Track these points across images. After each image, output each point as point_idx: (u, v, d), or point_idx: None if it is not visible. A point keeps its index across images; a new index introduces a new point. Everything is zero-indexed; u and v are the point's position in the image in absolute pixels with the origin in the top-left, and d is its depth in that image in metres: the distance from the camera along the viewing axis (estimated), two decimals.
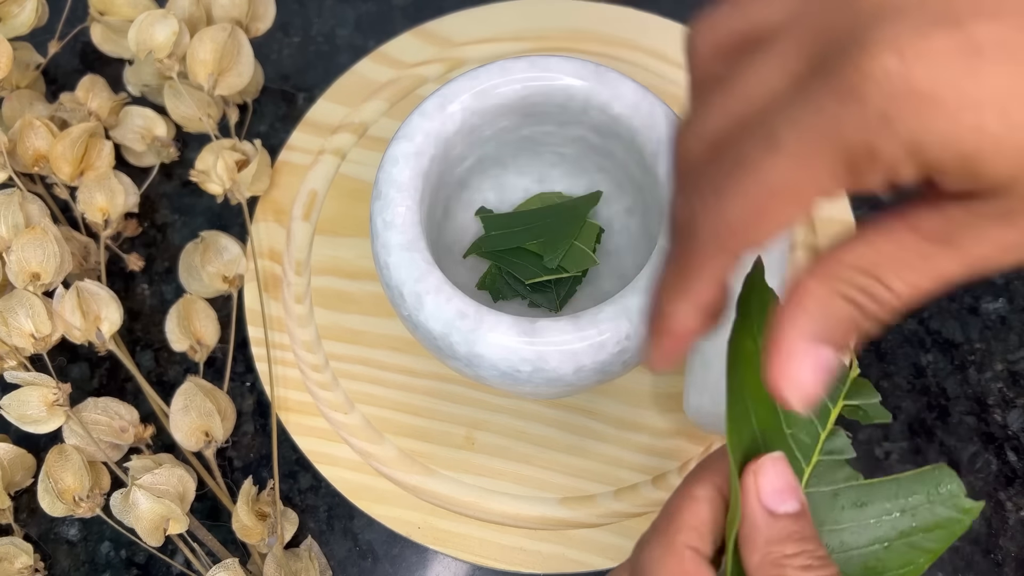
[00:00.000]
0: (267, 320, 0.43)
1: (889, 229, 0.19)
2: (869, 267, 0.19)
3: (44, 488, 0.37)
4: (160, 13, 0.43)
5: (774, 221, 0.19)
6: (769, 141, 0.18)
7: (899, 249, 0.19)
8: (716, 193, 0.19)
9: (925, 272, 0.19)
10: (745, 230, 0.19)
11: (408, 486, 0.40)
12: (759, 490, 0.22)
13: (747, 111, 0.19)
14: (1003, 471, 0.40)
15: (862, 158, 0.17)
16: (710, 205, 0.19)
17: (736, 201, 0.19)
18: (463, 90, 0.35)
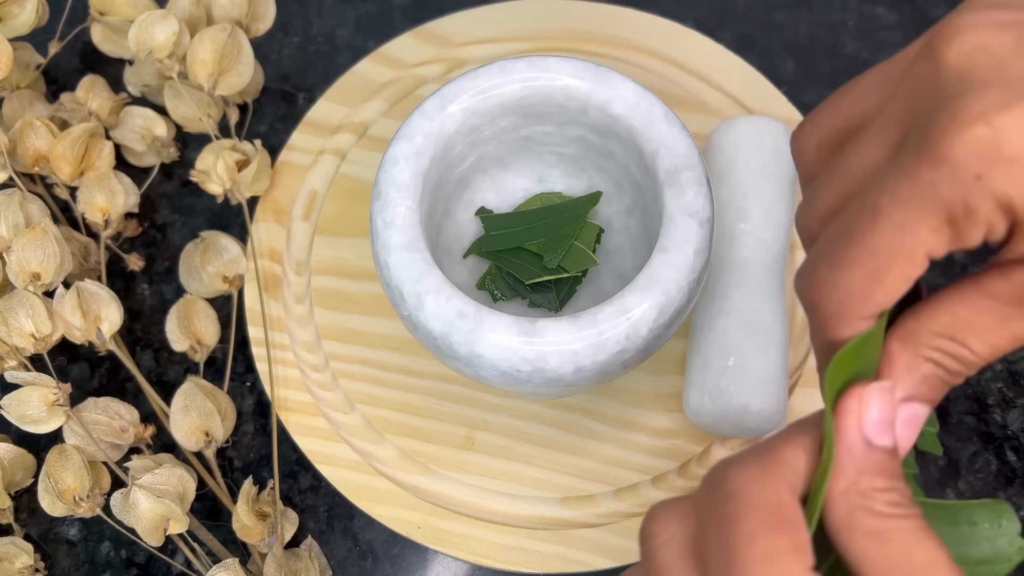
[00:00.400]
0: (267, 320, 0.43)
1: (965, 295, 0.21)
2: (951, 332, 0.21)
3: (44, 488, 0.37)
4: (160, 13, 0.43)
5: (890, 282, 0.20)
6: (871, 210, 0.20)
7: (977, 314, 0.21)
8: (831, 266, 0.21)
9: (1004, 333, 0.21)
10: (865, 295, 0.20)
11: (408, 486, 0.40)
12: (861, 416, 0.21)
13: (852, 186, 0.21)
14: (1003, 471, 0.40)
15: (960, 215, 0.19)
16: (829, 279, 0.21)
17: (851, 270, 0.20)
18: (463, 90, 0.35)
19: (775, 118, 0.41)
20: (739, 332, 0.37)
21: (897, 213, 0.20)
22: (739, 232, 0.39)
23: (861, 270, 0.20)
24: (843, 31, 0.48)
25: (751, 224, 0.39)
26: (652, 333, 0.32)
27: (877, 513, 0.20)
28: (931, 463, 0.40)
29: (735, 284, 0.38)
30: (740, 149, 0.40)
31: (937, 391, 0.22)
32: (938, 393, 0.22)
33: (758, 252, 0.39)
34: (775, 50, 0.48)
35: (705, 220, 0.32)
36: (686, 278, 0.32)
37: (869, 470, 0.21)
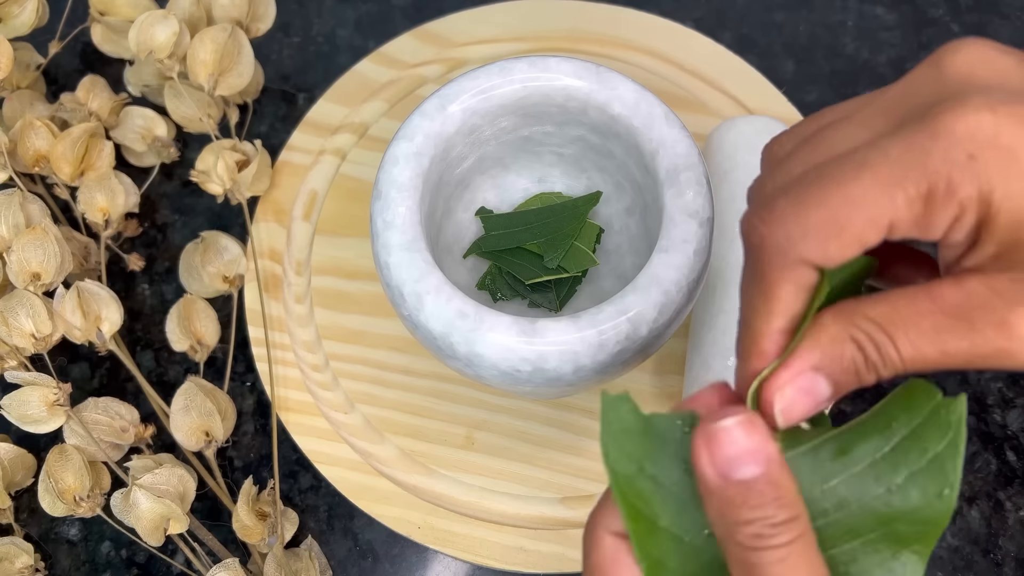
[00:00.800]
0: (267, 320, 0.43)
1: (911, 295, 0.21)
2: (884, 322, 0.20)
3: (44, 488, 0.37)
4: (160, 13, 0.43)
5: (847, 236, 0.20)
6: (857, 164, 0.20)
7: (915, 314, 0.20)
8: (795, 203, 0.21)
9: (933, 340, 0.20)
10: (821, 239, 0.20)
11: (408, 486, 0.40)
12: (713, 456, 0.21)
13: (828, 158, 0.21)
14: (1003, 471, 0.40)
15: (941, 191, 0.19)
16: (788, 215, 0.21)
17: (816, 210, 0.20)
18: (463, 90, 0.35)
19: (775, 118, 0.41)
20: None
21: (883, 170, 0.20)
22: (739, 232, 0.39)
23: (826, 213, 0.20)
24: (843, 31, 0.48)
25: None
26: (652, 333, 0.32)
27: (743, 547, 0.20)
28: None
29: (735, 284, 0.38)
30: (740, 149, 0.40)
31: (847, 377, 0.21)
32: (847, 379, 0.21)
33: None
34: (775, 50, 0.48)
35: (705, 220, 0.32)
36: (686, 278, 0.32)
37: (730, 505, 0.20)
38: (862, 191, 0.20)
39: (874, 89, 0.23)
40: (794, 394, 0.21)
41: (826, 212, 0.20)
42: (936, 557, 0.39)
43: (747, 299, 0.22)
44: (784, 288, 0.21)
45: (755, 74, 0.46)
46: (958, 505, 0.39)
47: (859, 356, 0.21)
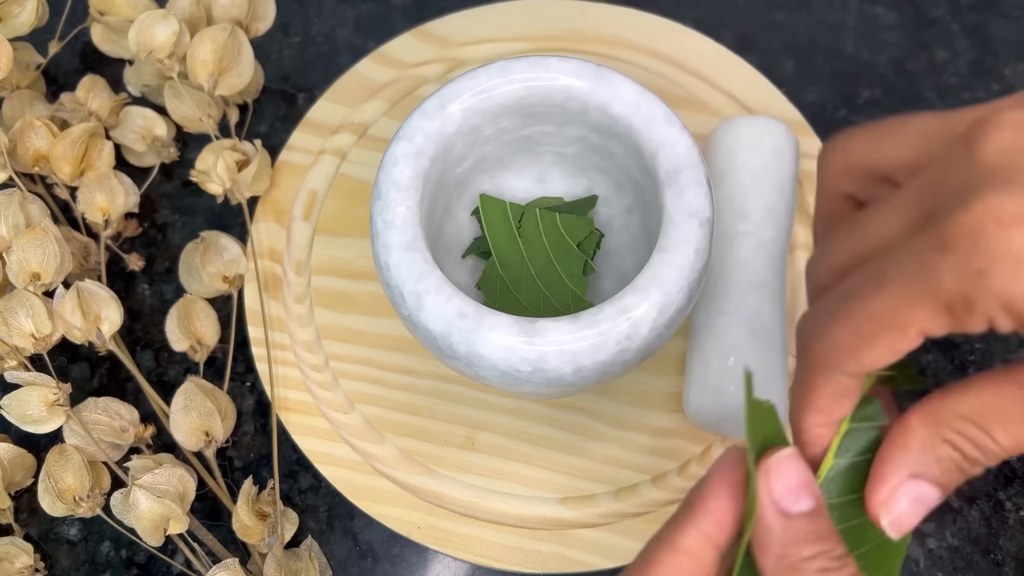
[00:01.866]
0: (267, 320, 0.43)
1: (996, 383, 0.21)
2: (976, 417, 0.21)
3: (44, 488, 0.37)
4: (160, 13, 0.43)
5: (878, 348, 0.21)
6: (877, 277, 0.20)
7: (1005, 402, 0.21)
8: (828, 317, 0.21)
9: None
10: (851, 351, 0.21)
11: (408, 486, 0.40)
12: (771, 490, 0.22)
13: (865, 250, 0.22)
14: (1003, 471, 0.40)
15: (959, 305, 0.19)
16: (823, 329, 0.22)
17: (844, 325, 0.21)
18: (463, 90, 0.35)
19: (775, 118, 0.41)
20: (739, 332, 0.37)
21: (900, 288, 0.20)
22: (739, 232, 0.39)
23: (854, 329, 0.21)
24: (843, 31, 0.48)
25: (751, 224, 0.39)
26: (652, 333, 0.32)
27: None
28: None
29: (735, 284, 0.38)
30: (740, 149, 0.40)
31: (951, 476, 0.22)
32: (951, 479, 0.22)
33: (758, 252, 0.39)
34: (775, 50, 0.48)
35: (705, 220, 0.32)
36: (686, 278, 0.32)
37: (792, 541, 0.21)
38: (882, 307, 0.20)
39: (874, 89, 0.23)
40: (901, 508, 0.22)
41: (853, 329, 0.21)
42: (936, 557, 0.39)
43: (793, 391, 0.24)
44: (824, 394, 0.22)
45: (755, 74, 0.46)
46: (958, 505, 0.40)
47: (956, 455, 0.21)
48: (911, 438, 0.22)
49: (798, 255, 0.43)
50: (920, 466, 0.22)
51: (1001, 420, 0.21)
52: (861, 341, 0.21)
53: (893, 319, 0.20)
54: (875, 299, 0.20)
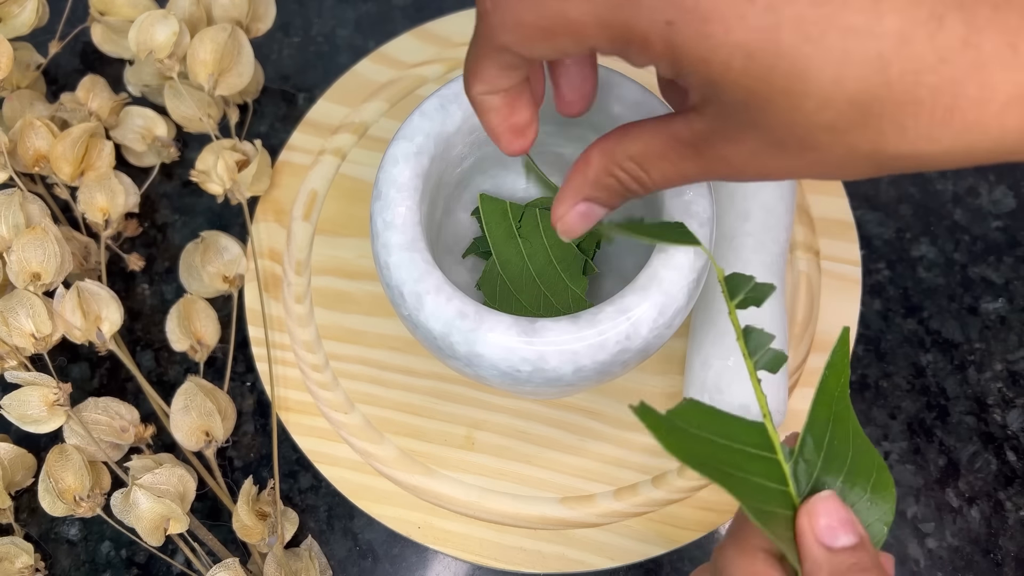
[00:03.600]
0: (267, 320, 0.43)
1: (657, 131, 0.24)
2: (639, 158, 0.25)
3: (45, 488, 0.37)
4: (160, 13, 0.43)
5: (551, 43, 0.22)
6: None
7: (661, 147, 0.24)
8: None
9: (676, 168, 0.25)
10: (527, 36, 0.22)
11: (408, 486, 0.40)
12: (814, 528, 0.24)
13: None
14: (1003, 471, 0.40)
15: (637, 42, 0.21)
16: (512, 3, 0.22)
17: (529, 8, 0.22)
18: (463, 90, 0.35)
19: None
20: None
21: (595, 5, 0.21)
22: (739, 232, 0.39)
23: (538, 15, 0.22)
24: None
25: (751, 224, 0.39)
26: (652, 333, 0.32)
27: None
28: (931, 463, 0.40)
29: None
30: None
31: (616, 199, 0.27)
32: (614, 201, 0.27)
33: (758, 252, 0.39)
34: None
35: (705, 220, 0.32)
36: (686, 278, 0.32)
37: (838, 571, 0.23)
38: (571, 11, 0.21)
39: None
40: (572, 221, 0.28)
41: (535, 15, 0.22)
42: (936, 557, 0.39)
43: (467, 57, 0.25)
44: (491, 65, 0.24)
45: None
46: (958, 505, 0.40)
47: (619, 186, 0.26)
48: (589, 168, 0.26)
49: (798, 255, 0.43)
50: (591, 192, 0.27)
51: (655, 163, 0.25)
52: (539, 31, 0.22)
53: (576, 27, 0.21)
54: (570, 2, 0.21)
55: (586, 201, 0.27)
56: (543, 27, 0.22)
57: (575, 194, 0.27)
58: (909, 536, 0.39)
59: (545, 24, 0.22)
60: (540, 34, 0.22)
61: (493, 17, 0.23)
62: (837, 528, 0.24)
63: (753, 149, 0.22)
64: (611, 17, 0.21)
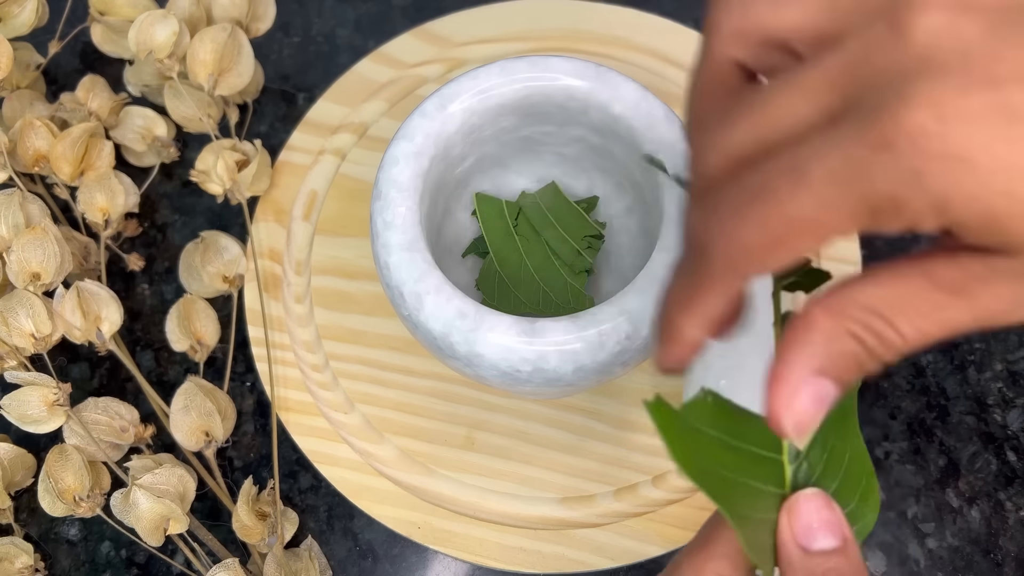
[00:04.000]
0: (267, 320, 0.43)
1: (903, 274, 0.19)
2: (881, 308, 0.19)
3: (44, 488, 0.37)
4: (160, 13, 0.43)
5: (789, 251, 0.19)
6: (796, 175, 0.18)
7: (912, 295, 0.19)
8: (735, 217, 0.19)
9: (935, 319, 0.19)
10: (760, 257, 0.19)
11: (408, 486, 0.40)
12: (792, 529, 0.22)
13: (774, 137, 0.19)
14: (1003, 471, 0.40)
15: (887, 207, 0.18)
16: (728, 228, 0.19)
17: (755, 228, 0.19)
18: (463, 90, 0.35)
19: None
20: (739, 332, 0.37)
21: (823, 189, 0.18)
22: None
23: (768, 232, 0.19)
24: None
25: None
26: None
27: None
28: (931, 463, 0.40)
29: None
30: None
31: (850, 373, 0.20)
32: (851, 375, 0.20)
33: None
34: None
35: None
36: None
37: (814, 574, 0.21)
38: (802, 212, 0.18)
39: None
40: (802, 409, 0.20)
41: (765, 233, 0.19)
42: (936, 557, 0.39)
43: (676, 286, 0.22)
44: (716, 295, 0.21)
45: None
46: (958, 505, 0.40)
47: (859, 349, 0.20)
48: (814, 332, 0.20)
49: None
50: (823, 361, 0.20)
51: (906, 312, 0.19)
52: (773, 244, 0.19)
53: (812, 222, 0.18)
54: (793, 200, 0.18)
55: (816, 376, 0.20)
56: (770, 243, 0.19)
57: (802, 370, 0.20)
58: (909, 536, 0.39)
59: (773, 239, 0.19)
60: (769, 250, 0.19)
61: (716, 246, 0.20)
62: (817, 529, 0.22)
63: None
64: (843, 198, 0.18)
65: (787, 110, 0.19)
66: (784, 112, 0.19)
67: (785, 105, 0.19)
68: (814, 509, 0.22)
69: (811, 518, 0.22)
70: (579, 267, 0.39)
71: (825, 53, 0.19)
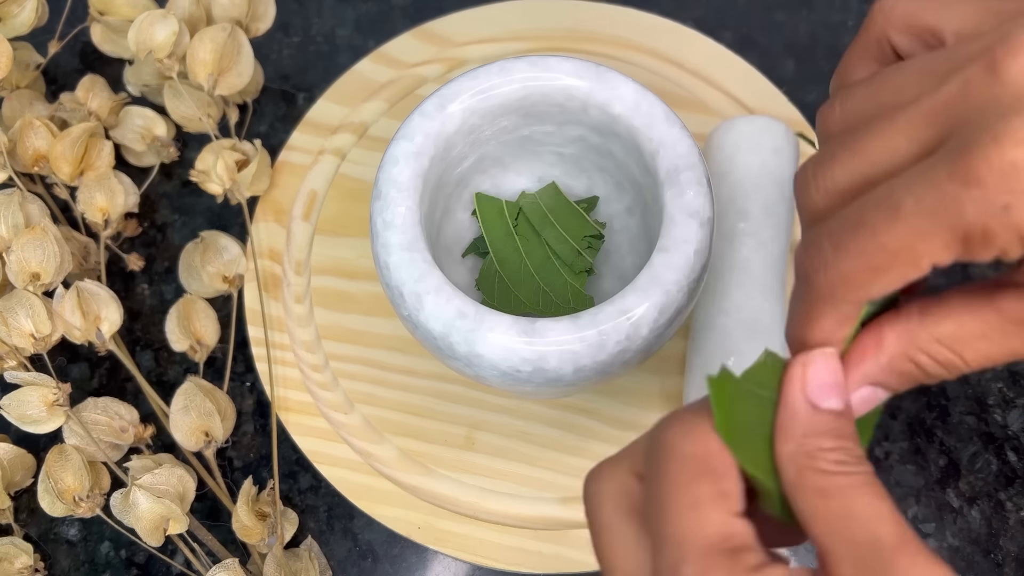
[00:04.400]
0: (267, 320, 0.43)
1: (975, 307, 0.21)
2: (951, 342, 0.21)
3: (44, 488, 0.37)
4: (160, 13, 0.43)
5: (887, 280, 0.20)
6: (891, 208, 0.20)
7: (982, 327, 0.21)
8: (836, 249, 0.21)
9: (1001, 349, 0.21)
10: (860, 285, 0.21)
11: (408, 486, 0.40)
12: (805, 382, 0.22)
13: (872, 172, 0.21)
14: (1003, 471, 0.40)
15: (976, 238, 0.19)
16: (829, 259, 0.21)
17: (854, 258, 0.21)
18: (463, 90, 0.35)
19: (775, 118, 0.41)
20: (739, 332, 0.37)
21: (916, 221, 0.19)
22: (739, 232, 0.39)
23: (865, 262, 0.20)
24: (843, 31, 0.48)
25: (751, 224, 0.39)
26: (652, 333, 0.32)
27: (822, 471, 0.21)
28: (931, 463, 0.40)
29: (735, 284, 0.38)
30: (740, 149, 0.40)
31: (904, 387, 0.23)
32: (903, 389, 0.23)
33: (758, 252, 0.39)
34: (775, 50, 0.48)
35: (705, 220, 0.32)
36: (686, 278, 0.32)
37: (814, 432, 0.21)
38: (897, 242, 0.20)
39: None
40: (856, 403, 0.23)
41: (864, 261, 0.20)
42: None
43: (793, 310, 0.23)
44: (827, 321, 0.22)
45: (755, 74, 0.46)
46: (958, 505, 0.40)
47: (919, 373, 0.22)
48: (882, 353, 0.22)
49: None
50: (881, 377, 0.22)
51: (975, 344, 0.21)
52: (871, 273, 0.20)
53: (907, 252, 0.20)
54: (888, 232, 0.20)
55: (873, 386, 0.23)
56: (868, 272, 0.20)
57: (860, 379, 0.23)
58: None
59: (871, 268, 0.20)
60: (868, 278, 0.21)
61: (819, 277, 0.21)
62: (830, 388, 0.22)
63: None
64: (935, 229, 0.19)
65: (886, 145, 0.21)
66: (883, 147, 0.21)
67: (885, 141, 0.21)
68: (831, 368, 0.22)
69: (826, 376, 0.22)
70: (579, 267, 0.39)
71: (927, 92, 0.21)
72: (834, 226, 0.21)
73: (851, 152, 0.22)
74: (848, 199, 0.22)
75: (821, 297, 0.22)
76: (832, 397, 0.22)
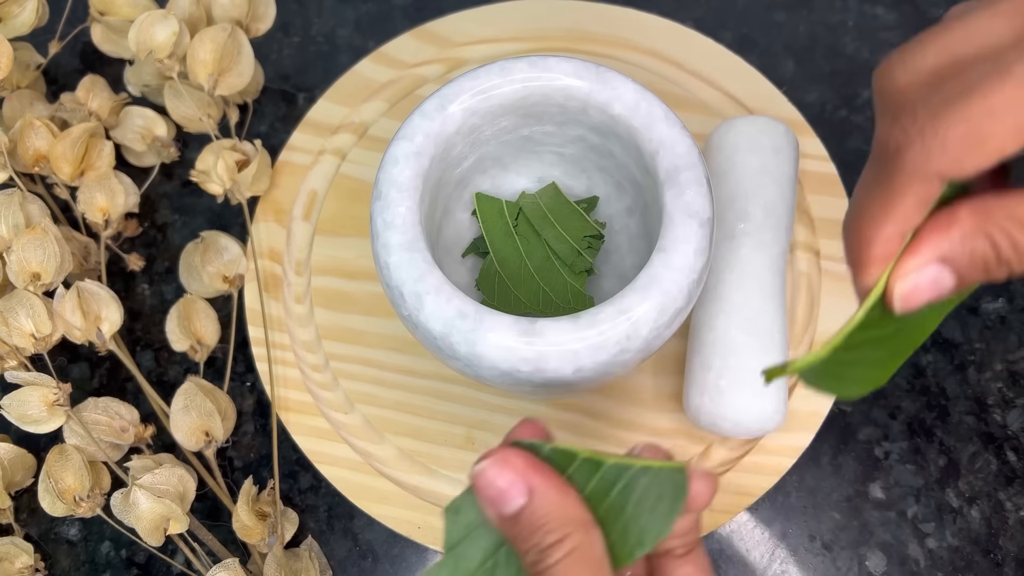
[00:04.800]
0: (267, 320, 0.43)
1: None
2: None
3: (44, 488, 0.37)
4: (160, 13, 0.43)
5: (989, 148, 0.20)
6: (1001, 71, 0.19)
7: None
8: (935, 117, 0.20)
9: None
10: (959, 154, 0.20)
11: (408, 486, 0.40)
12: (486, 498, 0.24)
13: (969, 52, 0.21)
14: (1003, 471, 0.40)
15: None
16: (926, 127, 0.20)
17: (957, 124, 0.20)
18: (463, 90, 0.35)
19: (775, 118, 0.41)
20: (739, 332, 0.37)
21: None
22: (739, 232, 0.39)
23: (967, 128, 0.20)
24: (843, 31, 0.48)
25: (751, 224, 0.39)
26: (652, 333, 0.32)
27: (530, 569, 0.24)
28: (931, 463, 0.40)
29: (735, 284, 0.38)
30: (740, 149, 0.40)
31: (974, 272, 0.21)
32: (974, 275, 0.22)
33: (758, 252, 0.39)
34: (775, 50, 0.48)
35: (705, 220, 0.32)
36: (686, 278, 0.32)
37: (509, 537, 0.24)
38: (1005, 101, 0.19)
39: None
40: (917, 282, 0.22)
41: (968, 126, 0.20)
42: (936, 557, 0.39)
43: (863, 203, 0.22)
44: (909, 199, 0.21)
45: (755, 74, 0.46)
46: (958, 505, 0.40)
47: (991, 252, 0.21)
48: (955, 225, 0.21)
49: (798, 255, 0.43)
50: (953, 252, 0.21)
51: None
52: (974, 139, 0.20)
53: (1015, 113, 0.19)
54: (997, 92, 0.19)
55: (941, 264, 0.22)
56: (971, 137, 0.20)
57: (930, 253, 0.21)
58: (909, 536, 0.39)
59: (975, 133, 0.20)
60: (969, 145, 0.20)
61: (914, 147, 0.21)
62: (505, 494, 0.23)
63: None
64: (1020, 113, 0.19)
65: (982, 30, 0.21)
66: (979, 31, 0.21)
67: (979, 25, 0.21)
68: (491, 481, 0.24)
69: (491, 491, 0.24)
70: (579, 267, 0.39)
71: None
72: (933, 99, 0.21)
73: (947, 31, 0.21)
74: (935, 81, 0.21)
75: (909, 172, 0.21)
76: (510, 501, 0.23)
